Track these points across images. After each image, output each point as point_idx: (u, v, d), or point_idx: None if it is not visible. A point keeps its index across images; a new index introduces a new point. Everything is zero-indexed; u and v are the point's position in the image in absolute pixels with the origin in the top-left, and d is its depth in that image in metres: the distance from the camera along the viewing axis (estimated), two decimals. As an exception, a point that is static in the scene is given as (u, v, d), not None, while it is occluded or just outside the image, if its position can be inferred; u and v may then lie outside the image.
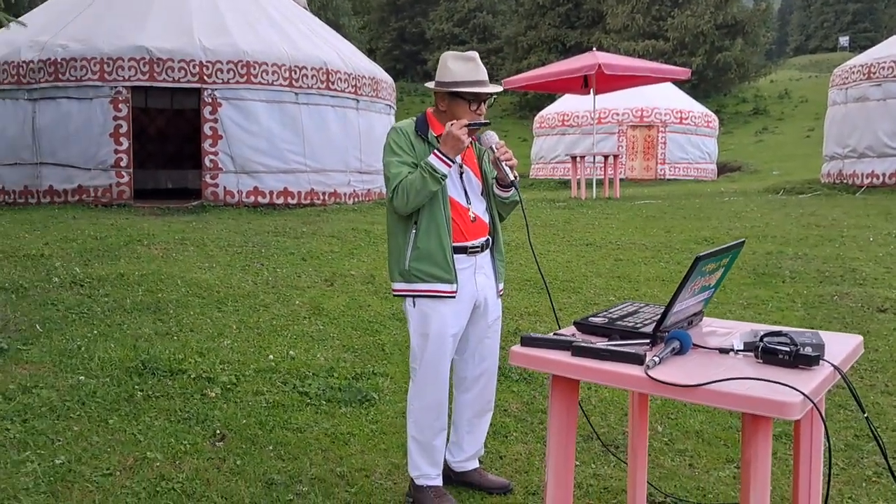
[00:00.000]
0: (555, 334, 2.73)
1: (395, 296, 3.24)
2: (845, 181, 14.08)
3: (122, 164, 10.60)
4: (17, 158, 10.71)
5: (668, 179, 23.23)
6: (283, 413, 4.17)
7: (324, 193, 11.58)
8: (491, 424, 4.14)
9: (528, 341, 2.64)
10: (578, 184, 14.33)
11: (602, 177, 14.63)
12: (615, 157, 14.37)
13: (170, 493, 3.30)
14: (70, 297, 5.95)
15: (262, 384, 4.54)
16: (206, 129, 10.80)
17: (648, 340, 2.60)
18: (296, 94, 11.22)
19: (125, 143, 10.58)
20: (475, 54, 3.18)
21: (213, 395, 4.34)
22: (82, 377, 4.41)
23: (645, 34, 40.43)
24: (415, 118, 3.23)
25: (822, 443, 2.79)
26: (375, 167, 12.43)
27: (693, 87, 39.18)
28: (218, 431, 3.90)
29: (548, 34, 45.49)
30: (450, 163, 3.03)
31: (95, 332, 5.25)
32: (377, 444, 3.89)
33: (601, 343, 2.56)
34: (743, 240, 2.86)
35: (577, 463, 3.78)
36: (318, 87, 11.41)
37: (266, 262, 7.56)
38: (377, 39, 58.96)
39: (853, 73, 14.11)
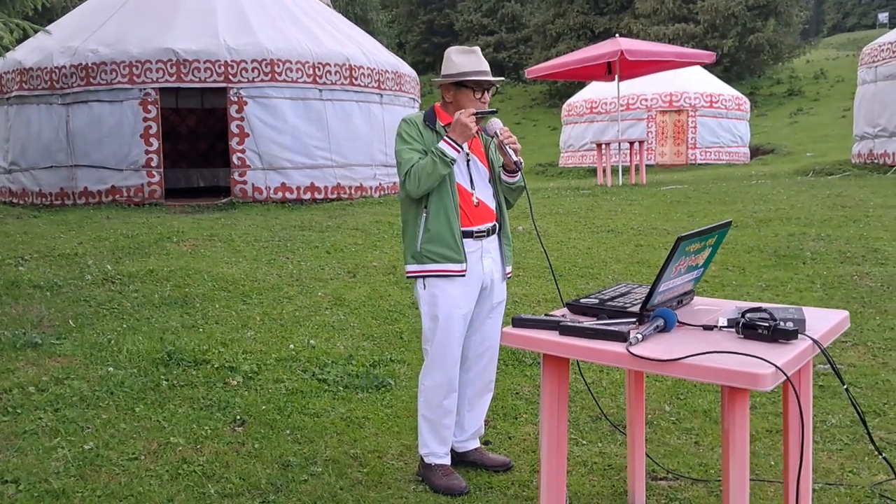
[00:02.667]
0: (546, 315, 2.84)
1: (408, 278, 3.40)
2: (876, 161, 13.89)
3: (153, 163, 10.88)
4: (53, 161, 11.03)
5: (700, 164, 23.05)
6: (302, 399, 4.33)
7: (350, 188, 11.75)
8: (502, 406, 4.28)
9: (518, 322, 2.75)
10: (604, 171, 14.33)
11: (628, 163, 14.61)
12: (641, 143, 14.33)
13: (191, 475, 3.47)
14: (101, 294, 6.18)
15: (283, 372, 4.71)
16: (233, 127, 11.02)
17: (635, 319, 2.70)
18: (320, 90, 11.39)
19: (155, 144, 10.84)
20: (477, 48, 3.36)
21: (235, 383, 4.51)
22: (111, 368, 4.62)
23: (675, 18, 40.00)
24: (423, 111, 3.42)
25: (810, 414, 2.86)
26: (401, 160, 12.56)
27: (725, 70, 38.75)
28: (238, 417, 4.07)
29: (576, 21, 45.21)
30: (459, 148, 3.20)
31: (125, 325, 5.47)
32: (391, 427, 4.03)
33: (588, 322, 2.66)
34: (730, 220, 2.94)
35: (585, 442, 3.89)
36: (342, 83, 11.58)
37: (291, 255, 7.74)
38: (406, 33, 59.08)
39: (882, 50, 13.90)
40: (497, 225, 3.42)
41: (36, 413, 4.03)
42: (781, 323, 2.50)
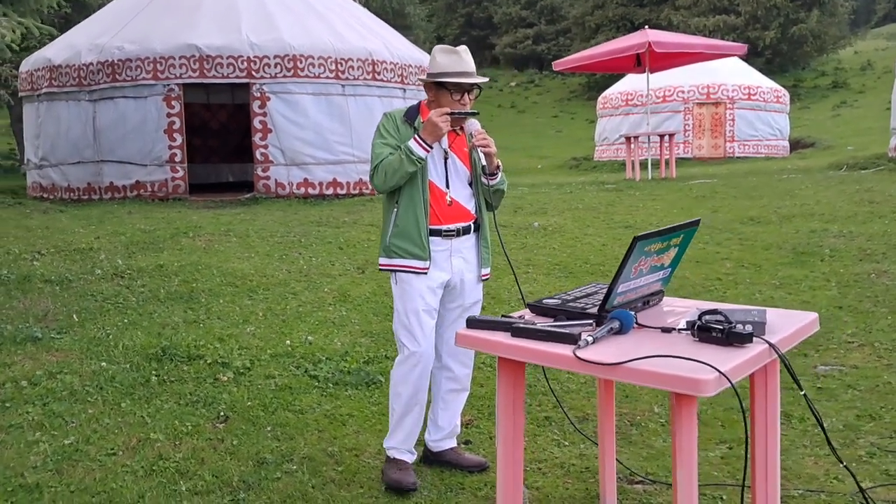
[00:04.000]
0: (503, 316, 2.78)
1: (380, 270, 3.38)
2: (913, 155, 13.47)
3: (177, 159, 11.00)
4: (81, 157, 11.23)
5: (738, 158, 22.63)
6: (289, 395, 4.32)
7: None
8: (487, 405, 4.23)
9: (472, 323, 2.70)
10: (633, 165, 14.13)
11: (659, 157, 14.39)
12: (671, 136, 14.09)
13: (165, 471, 3.48)
14: (109, 288, 6.25)
15: (275, 368, 4.71)
16: (256, 122, 11.10)
17: (592, 321, 2.63)
18: (342, 85, 11.41)
19: (179, 139, 10.97)
20: (463, 48, 3.31)
21: (226, 379, 4.53)
22: (104, 363, 4.67)
23: (715, 9, 39.28)
24: (408, 106, 3.39)
25: (777, 418, 2.76)
26: (424, 155, 12.55)
27: (767, 62, 37.99)
28: (222, 413, 4.08)
29: (615, 13, 44.68)
30: (427, 148, 3.16)
31: (126, 320, 5.53)
32: (374, 426, 4.00)
33: (543, 324, 2.60)
34: (698, 219, 2.85)
35: (567, 443, 3.82)
36: (365, 78, 11.58)
37: (303, 251, 7.76)
38: (445, 27, 59.03)
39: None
40: (472, 225, 3.37)
41: (25, 407, 4.09)
42: (738, 326, 2.42)
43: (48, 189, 11.74)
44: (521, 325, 2.54)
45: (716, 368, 2.12)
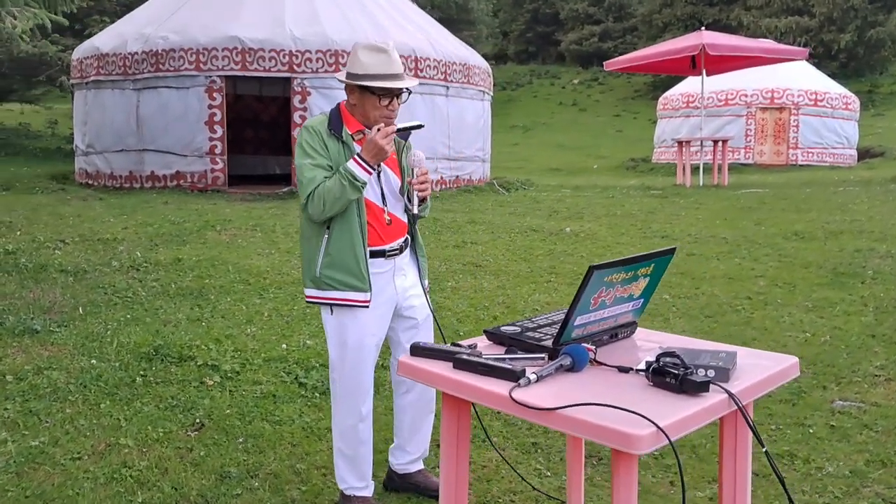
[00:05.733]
0: (453, 344, 2.59)
1: (308, 303, 3.15)
2: None
3: (217, 150, 11.04)
4: (124, 145, 11.36)
5: (801, 165, 21.82)
6: (271, 404, 4.20)
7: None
8: (474, 426, 4.02)
9: (416, 351, 2.51)
10: (684, 170, 13.69)
11: (712, 162, 13.91)
12: (724, 141, 13.60)
13: (125, 480, 3.38)
14: (122, 281, 6.24)
15: (265, 374, 4.59)
16: (296, 117, 11.07)
17: (545, 355, 2.42)
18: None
19: (219, 131, 11.00)
20: (390, 45, 2.96)
21: (212, 383, 4.42)
22: (94, 361, 4.61)
23: (788, 10, 38.03)
24: (328, 113, 3.03)
25: (747, 467, 2.50)
26: (465, 153, 12.37)
27: (842, 66, 36.64)
28: (198, 420, 3.97)
29: (684, 11, 43.66)
30: (371, 170, 2.86)
31: (129, 316, 5.49)
32: (351, 442, 3.84)
33: (491, 355, 2.40)
34: (673, 248, 2.61)
35: (549, 474, 3.60)
36: (406, 75, 11.41)
37: (325, 249, 7.65)
38: (511, 22, 58.63)
39: None
40: (409, 238, 3.14)
41: (4, 404, 4.05)
42: (697, 371, 2.18)
43: (93, 176, 11.92)
44: (464, 358, 2.34)
45: (653, 422, 1.89)
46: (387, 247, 3.02)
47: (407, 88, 2.97)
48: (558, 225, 8.96)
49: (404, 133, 3.02)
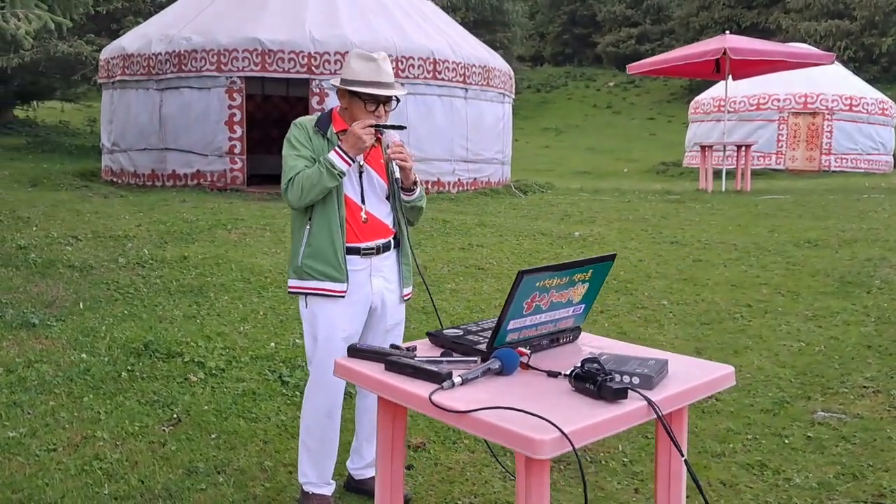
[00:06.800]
0: (392, 346, 2.61)
1: (289, 294, 3.22)
2: None
3: (236, 150, 11.19)
4: (147, 144, 11.57)
5: (834, 171, 21.45)
6: (251, 401, 4.26)
7: (426, 182, 11.65)
8: (444, 427, 4.04)
9: (353, 352, 2.54)
10: (706, 175, 13.55)
11: (735, 168, 13.73)
12: (747, 147, 13.43)
13: (95, 472, 3.46)
14: (126, 278, 6.37)
15: (249, 371, 4.65)
16: (315, 117, 11.15)
17: (477, 358, 2.44)
18: (402, 84, 11.29)
19: (238, 131, 11.15)
20: (382, 55, 3.08)
21: (196, 379, 4.50)
22: (85, 355, 4.72)
23: (829, 13, 37.37)
24: (319, 114, 3.19)
25: (681, 472, 2.48)
26: (483, 156, 12.38)
27: (884, 71, 35.96)
28: (175, 416, 4.05)
29: (721, 14, 43.14)
30: (350, 161, 2.98)
31: (127, 311, 5.60)
32: (324, 440, 3.89)
33: (421, 358, 2.42)
34: (613, 254, 2.60)
35: (513, 478, 3.60)
36: (425, 77, 11.48)
37: (332, 249, 7.72)
38: (547, 24, 58.47)
39: None
40: (393, 241, 3.19)
41: (-10, 394, 4.17)
42: (617, 377, 2.18)
43: (117, 174, 12.15)
44: (395, 359, 2.37)
45: (557, 427, 1.90)
46: (362, 245, 3.09)
47: (395, 97, 3.09)
48: (568, 229, 8.94)
49: (388, 132, 3.06)
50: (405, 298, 3.27)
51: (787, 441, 3.89)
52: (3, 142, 19.96)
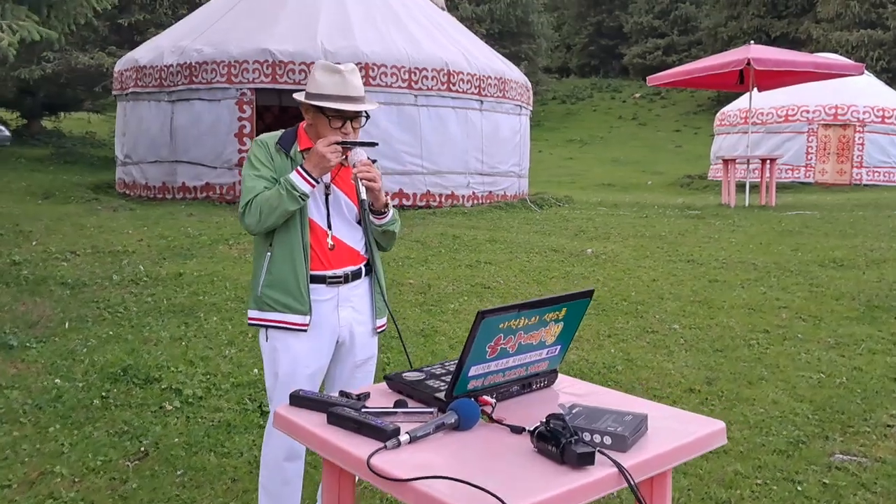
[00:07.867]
0: (341, 394, 2.34)
1: (249, 325, 2.97)
2: None
3: (246, 163, 11.01)
4: (158, 156, 11.44)
5: (865, 185, 20.89)
6: (224, 434, 4.02)
7: (440, 195, 11.41)
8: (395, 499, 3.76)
9: (295, 400, 2.28)
10: (729, 189, 13.16)
11: (759, 182, 13.33)
12: (772, 160, 13.02)
13: (47, 513, 3.24)
14: (117, 296, 6.17)
15: (228, 400, 4.42)
16: (326, 129, 10.95)
17: (434, 409, 2.16)
18: (415, 95, 11.12)
19: (248, 143, 10.97)
20: (350, 66, 2.82)
21: (171, 408, 4.27)
22: (59, 380, 4.51)
23: (861, 23, 36.64)
24: (283, 131, 2.92)
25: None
26: (500, 169, 12.12)
27: (918, 82, 35.18)
28: (142, 449, 3.81)
29: (751, 24, 42.56)
30: (313, 182, 2.72)
31: (112, 333, 5.39)
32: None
33: (372, 409, 2.15)
34: (591, 289, 2.32)
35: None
36: (439, 89, 11.25)
37: (334, 266, 7.48)
38: (574, 35, 58.19)
39: None
40: (364, 269, 2.93)
41: (-48, 424, 3.97)
42: (591, 436, 1.90)
43: (130, 186, 12.04)
44: (338, 411, 2.10)
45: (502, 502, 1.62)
46: (328, 273, 2.83)
47: (365, 113, 2.83)
48: (581, 245, 8.63)
49: (357, 150, 2.78)
50: (379, 330, 2.99)
51: (799, 488, 3.57)
52: (28, 152, 20.06)
